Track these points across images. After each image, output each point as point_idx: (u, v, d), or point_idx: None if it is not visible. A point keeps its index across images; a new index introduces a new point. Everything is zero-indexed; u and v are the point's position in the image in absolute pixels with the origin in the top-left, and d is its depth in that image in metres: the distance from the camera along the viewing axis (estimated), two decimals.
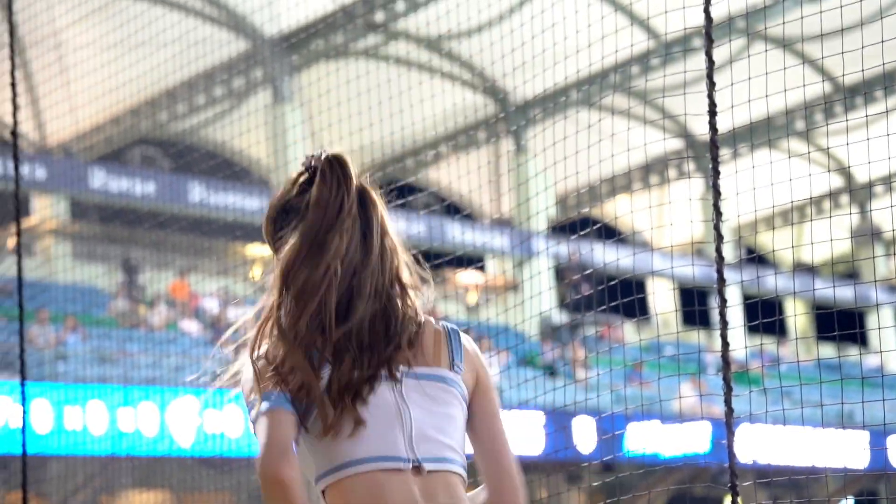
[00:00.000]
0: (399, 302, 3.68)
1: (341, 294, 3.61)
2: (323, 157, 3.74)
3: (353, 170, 3.73)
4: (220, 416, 20.26)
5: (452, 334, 3.72)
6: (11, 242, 24.20)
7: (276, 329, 3.66)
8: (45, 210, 27.66)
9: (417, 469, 3.52)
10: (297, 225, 3.67)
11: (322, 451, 3.58)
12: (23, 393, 8.92)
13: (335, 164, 3.71)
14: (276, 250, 3.74)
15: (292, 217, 3.71)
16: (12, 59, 9.12)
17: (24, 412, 8.94)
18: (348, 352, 3.58)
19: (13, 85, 9.03)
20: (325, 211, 3.65)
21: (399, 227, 3.75)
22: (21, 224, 9.15)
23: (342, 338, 3.58)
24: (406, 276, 3.72)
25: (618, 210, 36.46)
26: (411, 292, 3.72)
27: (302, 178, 3.76)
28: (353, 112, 11.97)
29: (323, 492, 3.60)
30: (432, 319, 3.73)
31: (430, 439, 3.56)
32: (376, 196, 3.75)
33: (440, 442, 3.57)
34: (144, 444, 19.72)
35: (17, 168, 8.86)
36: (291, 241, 3.66)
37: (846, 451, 26.79)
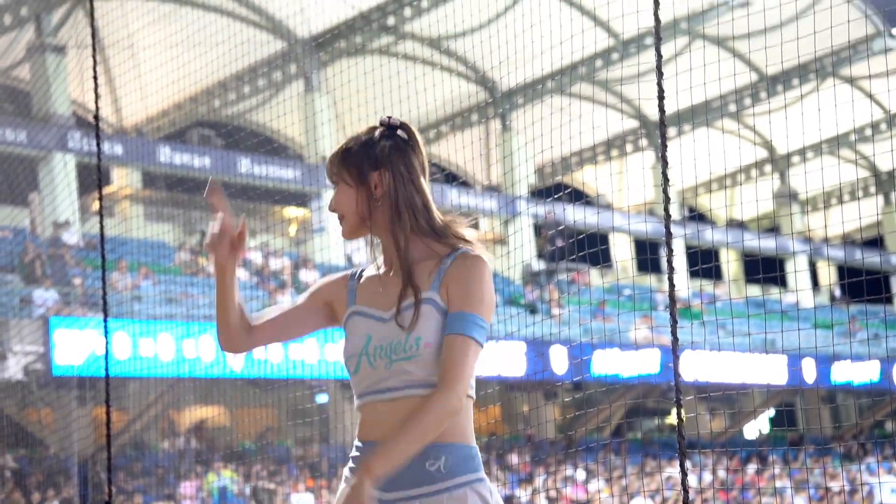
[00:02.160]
0: None
1: None
2: (401, 123, 3.44)
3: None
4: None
5: None
6: (95, 206, 24.22)
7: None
8: (122, 179, 27.62)
9: None
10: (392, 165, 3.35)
11: None
12: (105, 327, 8.92)
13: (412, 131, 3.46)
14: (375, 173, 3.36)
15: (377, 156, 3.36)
16: (94, 57, 9.09)
17: (107, 342, 8.95)
18: None
19: (95, 78, 9.00)
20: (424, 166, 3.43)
21: None
22: (103, 191, 9.13)
23: None
24: None
25: (585, 177, 36.42)
26: None
27: (377, 132, 3.42)
28: (370, 98, 11.92)
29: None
30: None
31: None
32: None
33: None
34: (204, 368, 19.75)
35: (98, 145, 8.84)
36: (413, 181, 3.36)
37: (769, 371, 26.85)
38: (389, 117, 3.46)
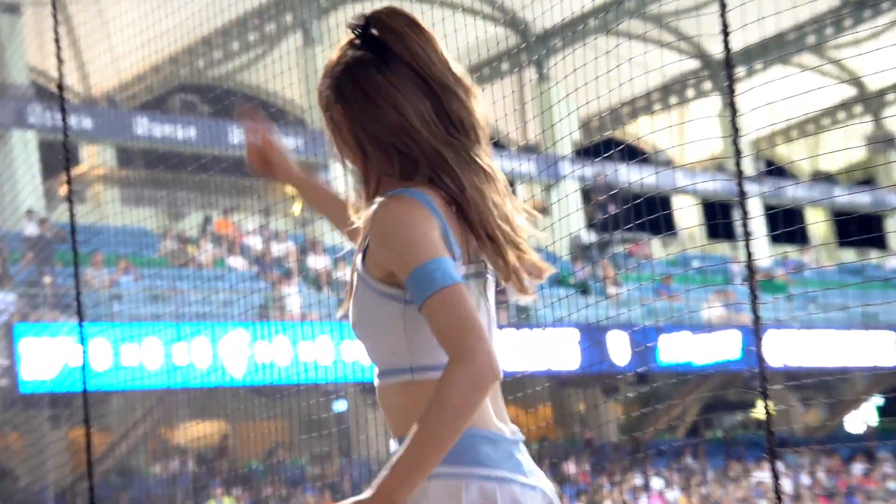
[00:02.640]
0: None
1: None
2: (369, 18, 3.11)
3: None
4: (269, 346, 20.34)
5: None
6: (63, 190, 24.29)
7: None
8: (94, 158, 27.72)
9: None
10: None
11: (428, 338, 2.93)
12: (81, 333, 8.98)
13: None
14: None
15: None
16: (55, 15, 9.12)
17: (84, 351, 9.00)
18: None
19: (56, 40, 9.04)
20: None
21: None
22: (71, 172, 9.17)
23: None
24: None
25: (640, 130, 36.34)
26: None
27: (345, 45, 3.13)
28: None
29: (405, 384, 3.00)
30: None
31: None
32: None
33: None
34: (198, 376, 19.81)
35: (64, 119, 8.88)
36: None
37: (872, 350, 26.74)
38: (360, 16, 3.10)
